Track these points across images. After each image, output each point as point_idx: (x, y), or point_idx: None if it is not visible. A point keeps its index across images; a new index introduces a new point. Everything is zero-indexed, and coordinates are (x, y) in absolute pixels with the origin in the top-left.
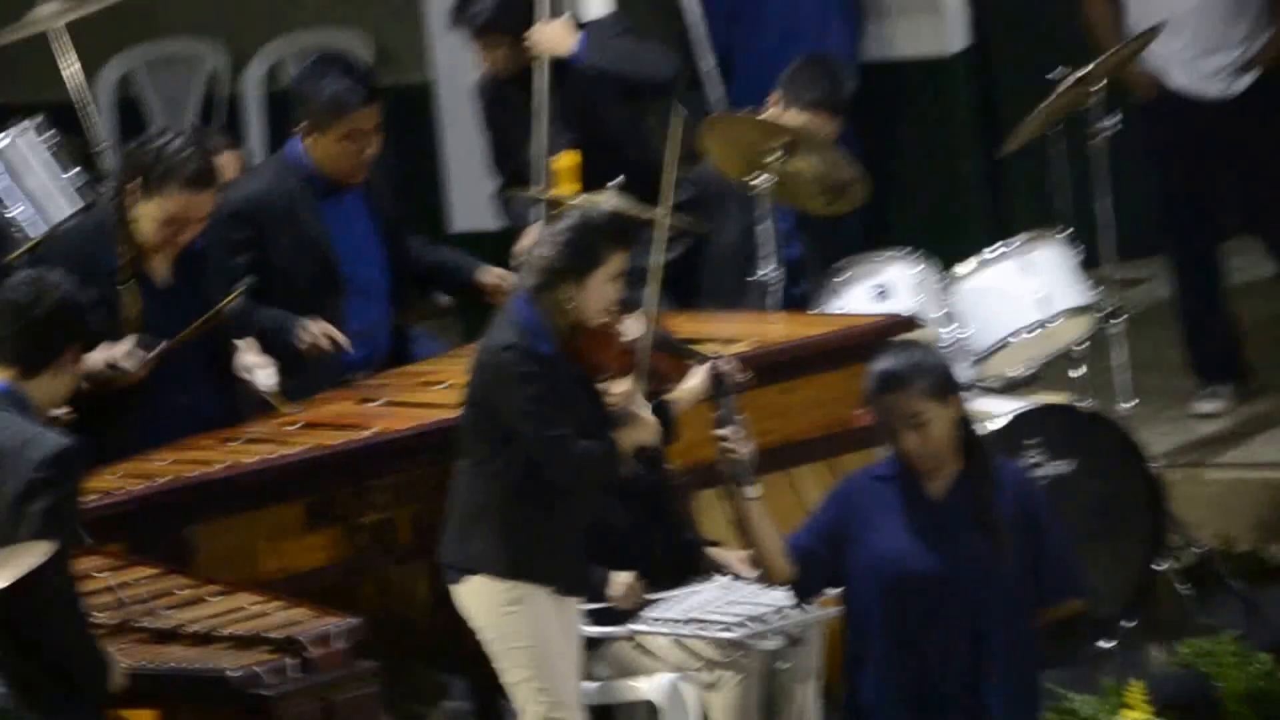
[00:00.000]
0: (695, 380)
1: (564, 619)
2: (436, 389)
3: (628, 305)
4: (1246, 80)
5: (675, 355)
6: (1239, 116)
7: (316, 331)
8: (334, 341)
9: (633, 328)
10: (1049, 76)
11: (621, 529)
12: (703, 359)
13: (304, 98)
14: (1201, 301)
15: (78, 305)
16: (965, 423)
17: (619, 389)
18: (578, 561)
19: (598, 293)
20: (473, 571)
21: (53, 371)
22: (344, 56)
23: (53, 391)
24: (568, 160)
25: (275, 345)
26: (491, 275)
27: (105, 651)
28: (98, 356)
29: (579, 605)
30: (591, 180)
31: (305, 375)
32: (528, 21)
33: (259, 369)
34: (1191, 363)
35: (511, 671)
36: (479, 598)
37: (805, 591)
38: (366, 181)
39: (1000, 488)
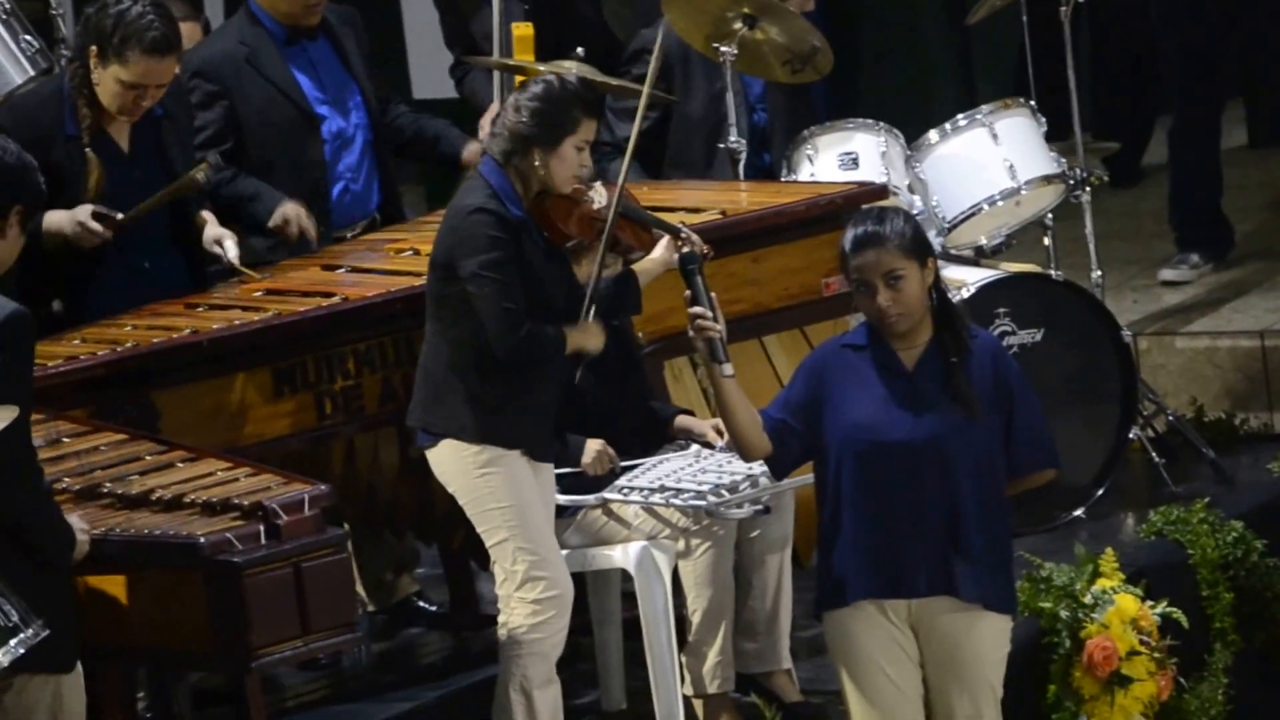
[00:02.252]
0: (660, 250)
1: (539, 480)
2: (403, 256)
3: (597, 175)
4: None
5: (642, 225)
6: None
7: (289, 214)
8: (302, 232)
9: (600, 196)
10: None
11: (591, 398)
12: (669, 229)
13: None
14: (1196, 162)
15: (21, 167)
16: (939, 290)
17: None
18: (546, 425)
19: (568, 159)
20: (443, 436)
21: None
22: None
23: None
24: (521, 31)
25: (246, 216)
26: (471, 151)
27: (67, 520)
28: (59, 217)
29: (552, 467)
30: (547, 52)
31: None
32: None
33: (227, 239)
34: (1173, 226)
35: (491, 533)
36: (452, 461)
37: (781, 466)
38: (332, 31)
39: (973, 356)
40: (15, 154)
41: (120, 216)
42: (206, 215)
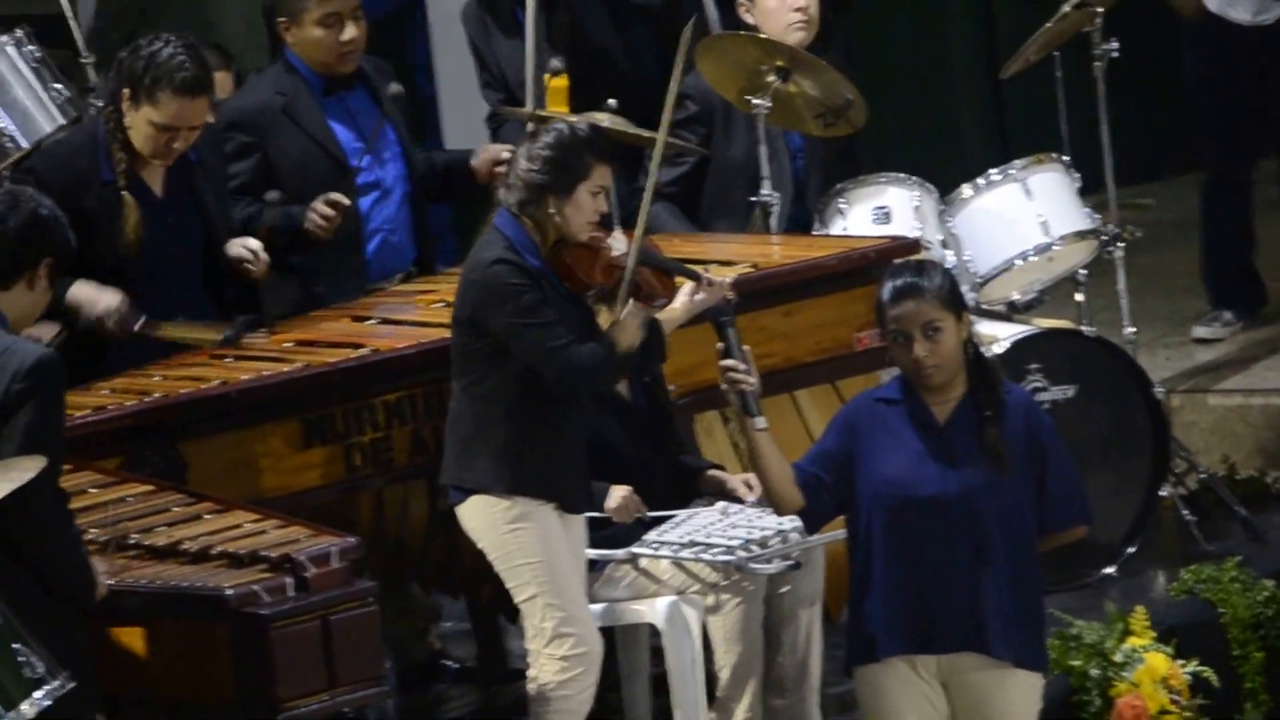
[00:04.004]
0: (683, 297)
1: (569, 534)
2: (432, 307)
3: (626, 222)
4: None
5: (665, 273)
6: (1273, 43)
7: (319, 206)
8: (337, 209)
9: (620, 243)
10: None
11: (621, 451)
12: (690, 275)
13: None
14: (1229, 220)
15: (53, 220)
16: (973, 345)
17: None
18: (577, 478)
19: (583, 206)
20: (473, 492)
21: (24, 285)
22: None
23: (27, 306)
24: (557, 82)
25: (288, 240)
26: (481, 158)
27: (92, 565)
28: (87, 295)
29: (585, 521)
30: (582, 103)
31: (330, 281)
32: None
33: (252, 242)
34: (1206, 284)
35: (520, 589)
36: (482, 517)
37: (814, 520)
38: (371, 81)
39: (1006, 411)
40: (49, 207)
41: (138, 326)
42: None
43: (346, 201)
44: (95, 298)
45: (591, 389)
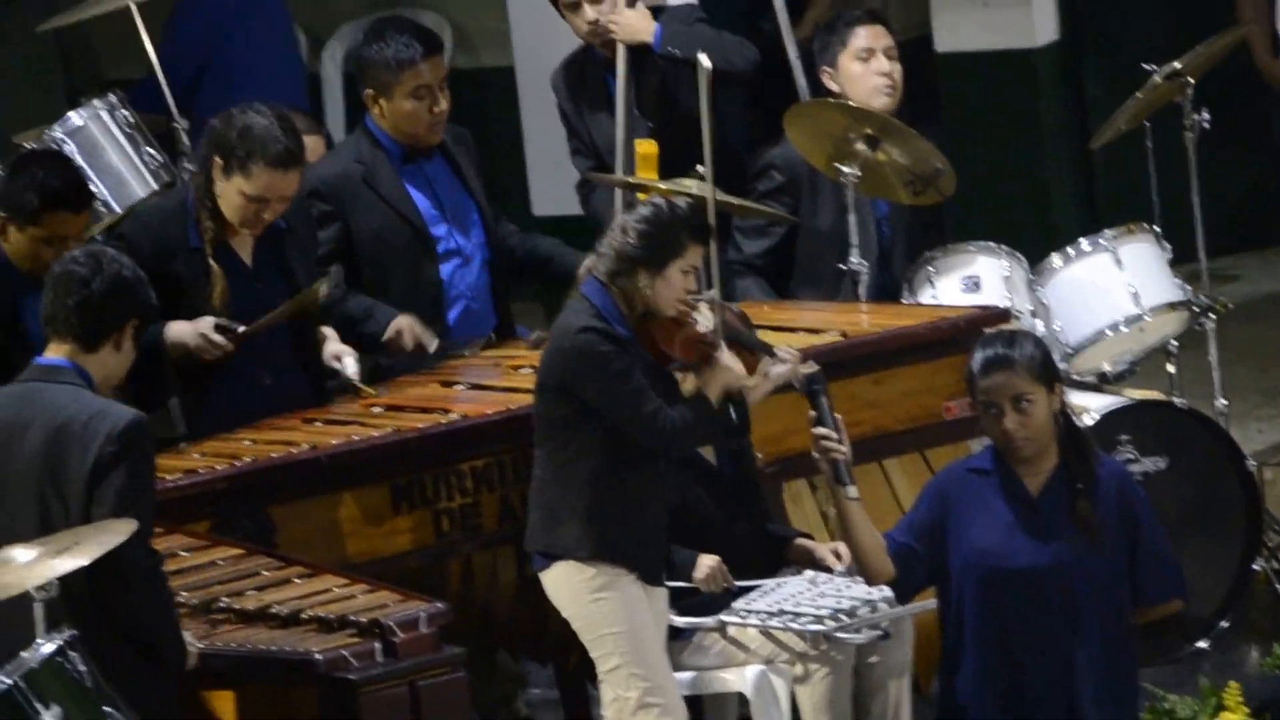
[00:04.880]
0: (761, 374)
1: (652, 604)
2: (521, 373)
3: (710, 295)
4: None
5: (747, 349)
6: None
7: (402, 326)
8: (417, 342)
9: (705, 318)
10: (1146, 67)
11: (708, 519)
12: (768, 351)
13: (365, 63)
14: None
15: (137, 281)
16: (1066, 416)
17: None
18: (659, 547)
19: (673, 283)
20: (558, 558)
21: (111, 347)
22: (400, 18)
23: (113, 367)
24: (645, 149)
25: (360, 334)
26: (587, 266)
27: (182, 629)
28: (182, 329)
29: (667, 591)
30: (670, 169)
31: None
32: None
33: (347, 356)
34: None
35: (604, 659)
36: (566, 585)
37: (905, 590)
38: (449, 150)
39: (1099, 484)
40: (132, 268)
41: (241, 330)
42: (327, 331)
43: (428, 344)
44: (192, 327)
45: (682, 449)
